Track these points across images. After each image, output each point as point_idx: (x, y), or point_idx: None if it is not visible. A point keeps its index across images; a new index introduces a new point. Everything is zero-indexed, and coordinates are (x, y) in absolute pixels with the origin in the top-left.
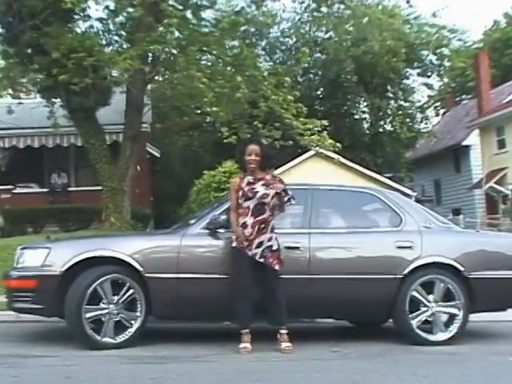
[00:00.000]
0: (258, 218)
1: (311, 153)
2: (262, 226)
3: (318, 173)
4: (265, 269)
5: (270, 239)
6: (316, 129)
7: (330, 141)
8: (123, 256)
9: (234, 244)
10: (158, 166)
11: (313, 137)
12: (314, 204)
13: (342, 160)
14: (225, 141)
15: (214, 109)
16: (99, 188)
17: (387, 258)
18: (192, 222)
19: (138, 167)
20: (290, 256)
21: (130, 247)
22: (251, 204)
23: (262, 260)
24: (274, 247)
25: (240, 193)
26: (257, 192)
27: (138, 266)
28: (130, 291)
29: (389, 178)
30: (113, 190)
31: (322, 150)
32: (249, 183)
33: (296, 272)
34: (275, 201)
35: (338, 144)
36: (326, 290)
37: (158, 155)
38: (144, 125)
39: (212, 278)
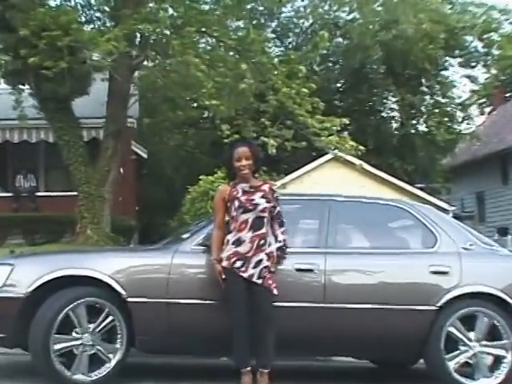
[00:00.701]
0: (257, 233)
1: (329, 157)
2: (262, 241)
3: (337, 181)
4: (259, 293)
5: (268, 258)
6: (335, 128)
7: (352, 143)
8: (102, 276)
9: (225, 263)
10: (146, 168)
11: (331, 138)
12: (332, 218)
13: (366, 166)
14: (225, 141)
15: (214, 102)
16: (74, 194)
17: (419, 285)
18: (185, 236)
19: (122, 170)
20: (302, 280)
21: (109, 265)
22: (250, 217)
23: (259, 281)
24: (273, 268)
25: (236, 203)
26: (257, 205)
27: (119, 289)
28: (109, 318)
29: (421, 189)
30: (90, 196)
31: (341, 154)
32: (245, 192)
33: (308, 300)
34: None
35: (361, 147)
36: (344, 322)
37: (146, 156)
38: (129, 119)
39: (208, 303)
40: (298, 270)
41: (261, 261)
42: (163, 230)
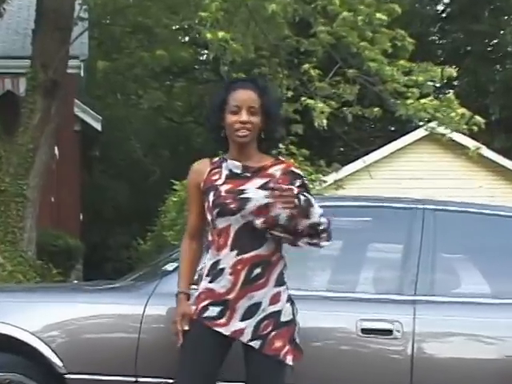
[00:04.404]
0: (245, 256)
1: (420, 134)
2: (257, 271)
3: (433, 176)
4: (257, 366)
5: (274, 300)
6: (432, 84)
7: (462, 110)
8: (23, 335)
9: (192, 309)
10: (97, 148)
11: (425, 101)
12: (425, 241)
13: (486, 152)
14: None
15: (221, 34)
16: None
17: None
18: (168, 267)
19: (57, 150)
20: (371, 349)
21: (36, 318)
22: (233, 224)
23: (255, 344)
24: (285, 317)
25: (210, 196)
26: (247, 201)
27: (52, 357)
28: None
29: None
30: (1, 194)
31: (442, 130)
32: (232, 177)
33: (384, 382)
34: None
35: (479, 118)
36: None
37: (99, 127)
38: (72, 62)
39: None
40: (366, 331)
41: (258, 305)
42: (128, 256)
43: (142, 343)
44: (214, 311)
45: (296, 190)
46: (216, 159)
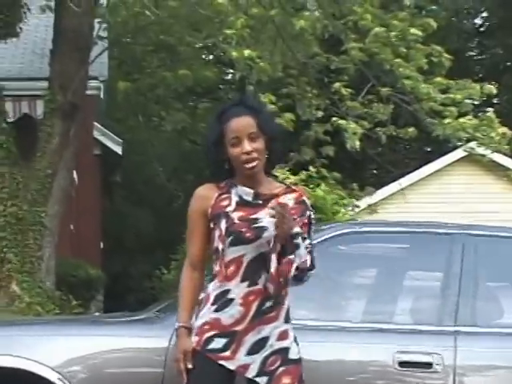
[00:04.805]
0: (257, 288)
1: (459, 155)
2: (268, 304)
3: (474, 199)
4: None
5: (283, 337)
6: (470, 102)
7: (503, 129)
8: (42, 370)
9: (194, 340)
10: (119, 173)
11: (463, 120)
12: (467, 268)
13: None
14: None
15: (247, 52)
16: None
17: None
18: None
19: (76, 176)
20: (408, 383)
21: (56, 351)
22: (247, 254)
23: (261, 381)
24: (293, 355)
25: (222, 224)
26: (262, 228)
27: None
28: None
29: None
30: (18, 222)
31: (483, 151)
32: (244, 205)
33: None
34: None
35: None
36: None
37: (119, 151)
38: (92, 83)
39: None
40: (403, 364)
41: (265, 340)
42: (151, 286)
43: (168, 378)
44: (219, 343)
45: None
46: (223, 184)
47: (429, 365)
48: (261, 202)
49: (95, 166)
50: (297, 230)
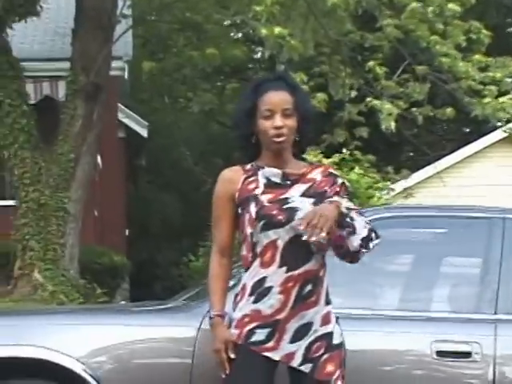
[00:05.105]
0: (296, 272)
1: (497, 136)
2: (308, 288)
3: (510, 179)
4: None
5: (326, 321)
6: (510, 80)
7: None
8: (66, 361)
9: (234, 333)
10: (144, 157)
11: (504, 99)
12: (508, 253)
13: None
14: None
15: (277, 30)
16: (9, 204)
17: None
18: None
19: (100, 160)
20: (447, 374)
21: (80, 342)
22: (281, 237)
23: (306, 368)
24: (336, 340)
25: (252, 208)
26: (294, 209)
27: None
28: None
29: None
30: (40, 208)
31: None
32: (272, 186)
33: None
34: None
35: None
36: None
37: (145, 134)
38: (115, 63)
39: None
40: (441, 353)
41: (309, 326)
42: (178, 274)
43: (196, 369)
44: (261, 334)
45: (337, 199)
46: (249, 166)
47: (467, 354)
48: (289, 182)
49: (119, 149)
50: (345, 207)
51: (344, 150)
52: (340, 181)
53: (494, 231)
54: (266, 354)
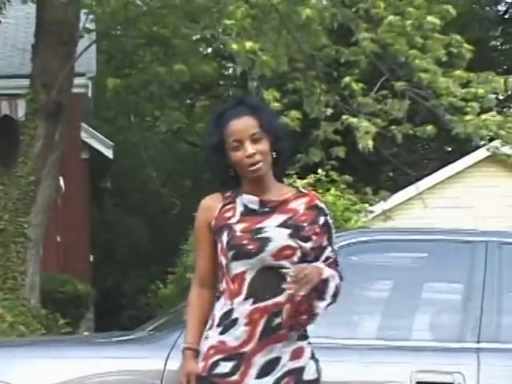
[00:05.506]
0: (263, 304)
1: (480, 155)
2: (277, 320)
3: (494, 200)
4: None
5: (296, 355)
6: (493, 97)
7: None
8: None
9: (199, 365)
10: (109, 179)
11: (486, 117)
12: (491, 278)
13: None
14: None
15: (249, 45)
16: None
17: None
18: None
19: (62, 182)
20: None
21: (40, 376)
22: (250, 268)
23: None
24: (309, 376)
25: (224, 237)
26: (266, 239)
27: None
28: None
29: None
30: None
31: (506, 149)
32: (246, 213)
33: None
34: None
35: None
36: None
37: (110, 155)
38: (78, 80)
39: None
40: None
41: (276, 361)
42: (146, 303)
43: None
44: (225, 367)
45: (322, 267)
46: (229, 193)
47: None
48: (268, 209)
49: (83, 171)
50: (324, 275)
51: (319, 171)
52: (322, 220)
53: (477, 255)
54: None
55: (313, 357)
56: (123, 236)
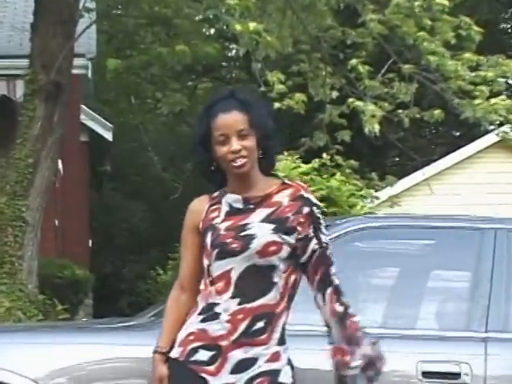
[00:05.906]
0: (249, 305)
1: (489, 140)
2: (259, 325)
3: (503, 187)
4: None
5: (273, 358)
6: (503, 80)
7: None
8: (23, 383)
9: (175, 351)
10: (108, 162)
11: (496, 100)
12: (499, 266)
13: None
14: (275, 105)
15: (252, 25)
16: None
17: None
18: None
19: (61, 165)
20: None
21: (38, 362)
22: (235, 267)
23: None
24: (284, 379)
25: (208, 237)
26: (250, 236)
27: None
28: None
29: None
30: None
31: None
32: (231, 212)
33: None
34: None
35: None
36: None
37: (110, 138)
38: (78, 61)
39: None
40: (427, 374)
41: (253, 361)
42: (146, 289)
43: None
44: (204, 355)
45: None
46: (216, 194)
47: (456, 375)
48: (252, 206)
49: (82, 153)
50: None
51: (324, 155)
52: (306, 210)
53: (485, 243)
54: (205, 376)
55: (289, 363)
56: (123, 220)
